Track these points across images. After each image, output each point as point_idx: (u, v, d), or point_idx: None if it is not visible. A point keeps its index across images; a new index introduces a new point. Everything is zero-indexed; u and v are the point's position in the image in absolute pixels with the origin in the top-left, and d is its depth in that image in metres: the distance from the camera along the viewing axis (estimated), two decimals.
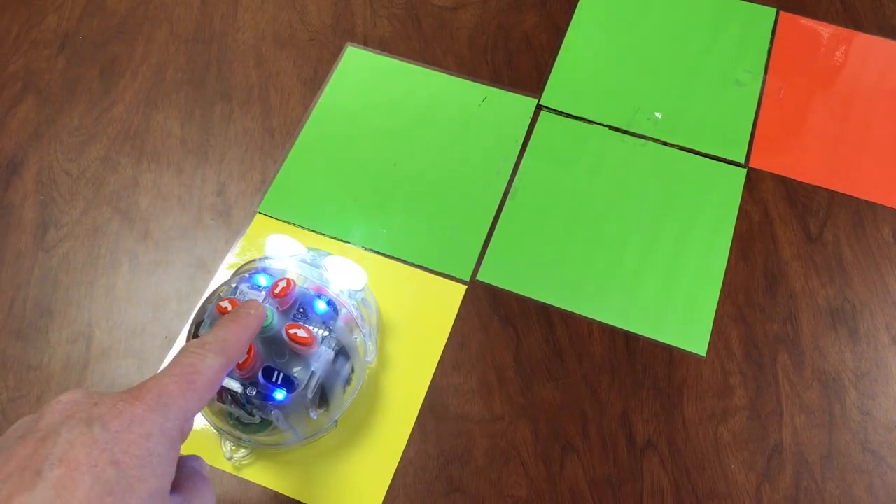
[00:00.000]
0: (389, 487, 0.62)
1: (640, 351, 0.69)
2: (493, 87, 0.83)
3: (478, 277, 0.72)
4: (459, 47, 0.86)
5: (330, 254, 0.66)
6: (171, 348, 0.68)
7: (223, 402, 0.58)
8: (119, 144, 0.79)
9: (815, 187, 0.78)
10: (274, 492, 0.62)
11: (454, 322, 0.70)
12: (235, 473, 0.62)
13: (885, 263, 0.73)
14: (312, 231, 0.74)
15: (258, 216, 0.75)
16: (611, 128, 0.81)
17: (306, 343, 0.56)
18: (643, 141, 0.80)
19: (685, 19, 0.88)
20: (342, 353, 0.60)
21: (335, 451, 0.63)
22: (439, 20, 0.88)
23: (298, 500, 0.61)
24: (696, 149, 0.80)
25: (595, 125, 0.81)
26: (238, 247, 0.73)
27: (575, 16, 0.88)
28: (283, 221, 0.75)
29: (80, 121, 0.81)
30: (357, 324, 0.62)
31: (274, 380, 0.56)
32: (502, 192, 0.77)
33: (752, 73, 0.84)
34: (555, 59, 0.85)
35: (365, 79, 0.84)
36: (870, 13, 0.88)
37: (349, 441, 0.64)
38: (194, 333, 0.59)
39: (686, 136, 0.80)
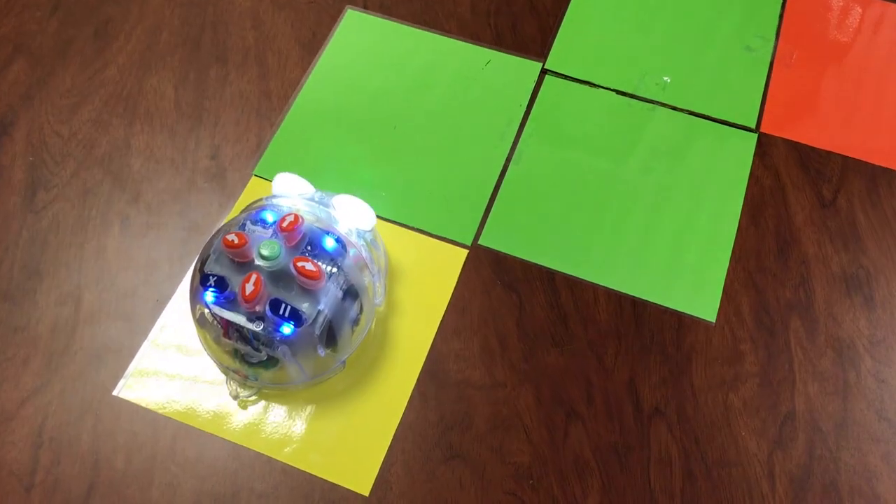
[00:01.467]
0: (388, 452, 0.60)
1: (647, 317, 0.67)
2: (497, 50, 0.81)
3: (480, 242, 0.70)
4: (462, 10, 0.84)
5: (337, 194, 0.64)
6: (161, 311, 0.66)
7: (229, 338, 0.56)
8: (111, 107, 0.77)
9: (829, 153, 0.75)
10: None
11: (455, 287, 0.68)
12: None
13: None
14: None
15: (254, 179, 0.73)
16: (618, 92, 0.78)
17: (314, 277, 0.55)
18: (651, 105, 0.78)
19: None
20: (351, 292, 0.58)
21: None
22: None
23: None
24: (706, 114, 0.77)
25: (601, 89, 0.79)
26: (232, 209, 0.71)
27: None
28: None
29: (72, 82, 0.78)
30: (366, 264, 0.60)
31: (281, 313, 0.53)
32: (506, 156, 0.74)
33: (763, 38, 0.82)
34: (560, 22, 0.83)
35: (364, 42, 0.81)
36: None
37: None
38: (200, 269, 0.57)
39: (695, 101, 0.78)
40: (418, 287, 0.67)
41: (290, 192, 0.62)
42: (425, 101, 0.77)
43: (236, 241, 0.55)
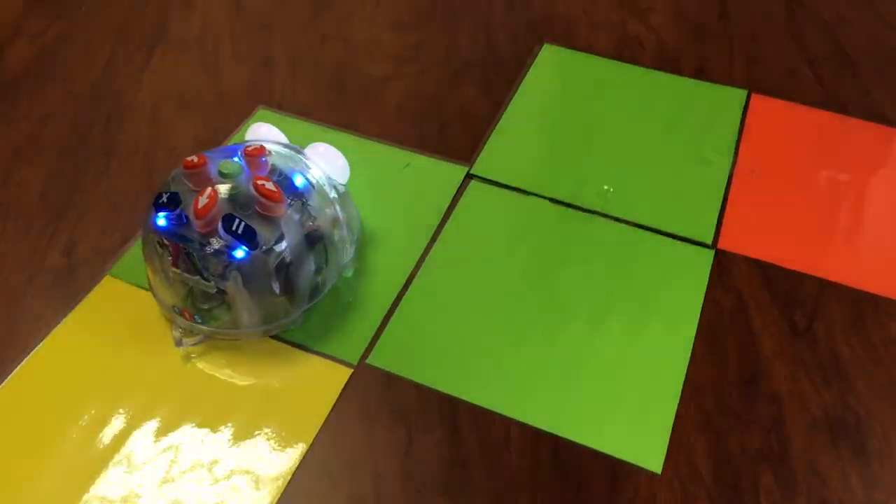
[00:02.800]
0: None
1: (573, 463, 0.51)
2: (419, 153, 0.72)
3: (368, 360, 0.56)
4: (385, 115, 0.76)
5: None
6: None
7: (177, 267, 0.52)
8: None
9: (802, 274, 0.63)
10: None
11: (329, 413, 0.53)
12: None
13: (894, 364, 0.57)
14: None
15: (107, 278, 0.61)
16: (552, 200, 0.68)
17: (274, 198, 0.51)
18: (590, 215, 0.67)
19: (645, 98, 0.78)
20: (315, 237, 0.55)
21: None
22: (367, 89, 0.78)
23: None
24: (654, 226, 0.66)
25: (533, 196, 0.68)
26: (75, 309, 0.58)
27: (519, 89, 0.78)
28: (136, 286, 0.60)
29: None
30: (337, 217, 0.57)
31: (234, 229, 0.50)
32: (414, 262, 0.63)
33: (719, 152, 0.73)
34: (493, 129, 0.74)
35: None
36: (856, 98, 0.78)
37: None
38: (155, 198, 0.53)
39: (642, 213, 0.67)
40: (282, 413, 0.53)
41: (262, 140, 0.61)
42: None
43: (195, 160, 0.54)
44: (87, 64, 0.80)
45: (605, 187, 0.69)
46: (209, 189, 0.52)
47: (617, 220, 0.67)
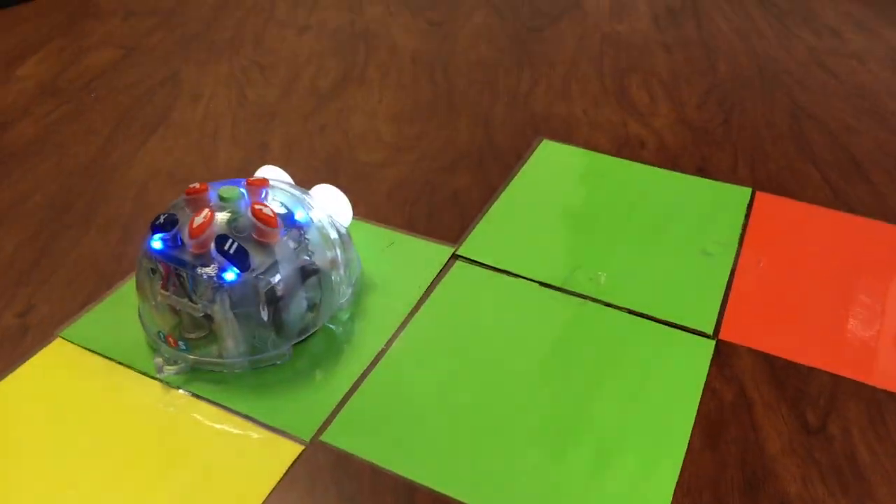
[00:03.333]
0: None
1: None
2: (404, 233, 0.69)
3: (322, 438, 0.51)
4: (377, 197, 0.74)
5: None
6: None
7: (167, 290, 0.51)
8: None
9: (811, 369, 0.57)
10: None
11: (269, 495, 0.47)
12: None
13: None
14: (120, 363, 0.55)
15: (58, 340, 0.57)
16: (541, 284, 0.64)
17: (270, 223, 0.51)
18: (581, 300, 0.62)
19: (644, 192, 0.75)
20: (310, 271, 0.54)
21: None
22: (361, 174, 0.77)
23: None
24: (651, 314, 0.61)
25: (521, 279, 0.64)
26: (17, 370, 0.54)
27: (515, 179, 0.76)
28: (86, 349, 0.56)
29: None
30: (337, 259, 0.56)
31: (227, 248, 0.49)
32: (387, 337, 0.58)
33: (722, 244, 0.69)
34: (483, 214, 0.72)
35: None
36: (866, 200, 0.75)
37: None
38: (153, 220, 0.52)
39: (637, 300, 0.62)
40: (217, 494, 0.47)
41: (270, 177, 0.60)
42: None
43: (197, 186, 0.53)
44: (87, 143, 0.81)
45: (599, 273, 0.65)
46: (206, 210, 0.51)
47: (610, 305, 0.62)
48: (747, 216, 0.73)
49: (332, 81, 0.92)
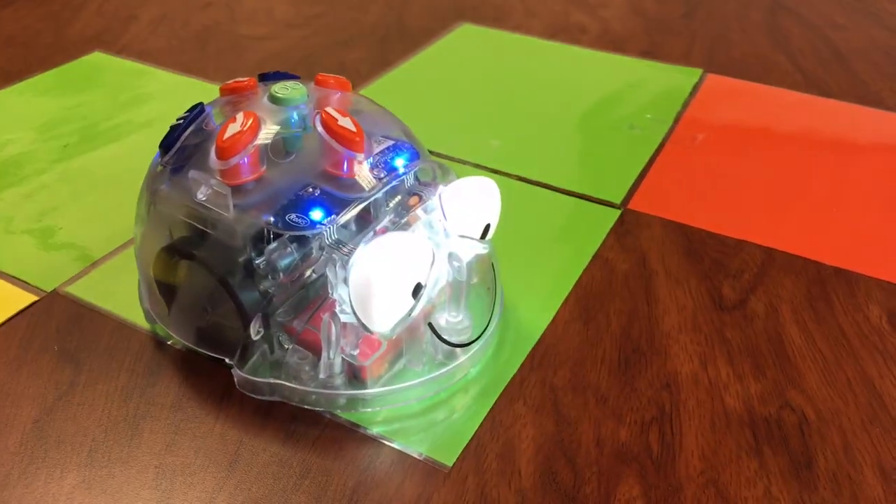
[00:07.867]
0: None
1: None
2: None
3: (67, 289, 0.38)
4: (243, 65, 0.62)
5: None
6: None
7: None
8: None
9: (741, 241, 0.44)
10: None
11: None
12: None
13: (870, 357, 0.36)
14: None
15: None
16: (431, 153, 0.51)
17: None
18: (471, 168, 0.50)
19: (572, 75, 0.62)
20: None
21: None
22: (234, 44, 0.65)
23: None
24: (554, 185, 0.48)
25: None
26: None
27: (415, 57, 0.64)
28: None
29: None
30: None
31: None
32: None
33: (656, 121, 0.56)
34: (368, 84, 0.59)
35: None
36: (847, 86, 0.61)
37: None
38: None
39: (540, 172, 0.50)
40: None
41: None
42: None
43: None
44: None
45: (493, 142, 0.52)
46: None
47: (499, 172, 0.49)
48: (692, 94, 0.59)
49: None
